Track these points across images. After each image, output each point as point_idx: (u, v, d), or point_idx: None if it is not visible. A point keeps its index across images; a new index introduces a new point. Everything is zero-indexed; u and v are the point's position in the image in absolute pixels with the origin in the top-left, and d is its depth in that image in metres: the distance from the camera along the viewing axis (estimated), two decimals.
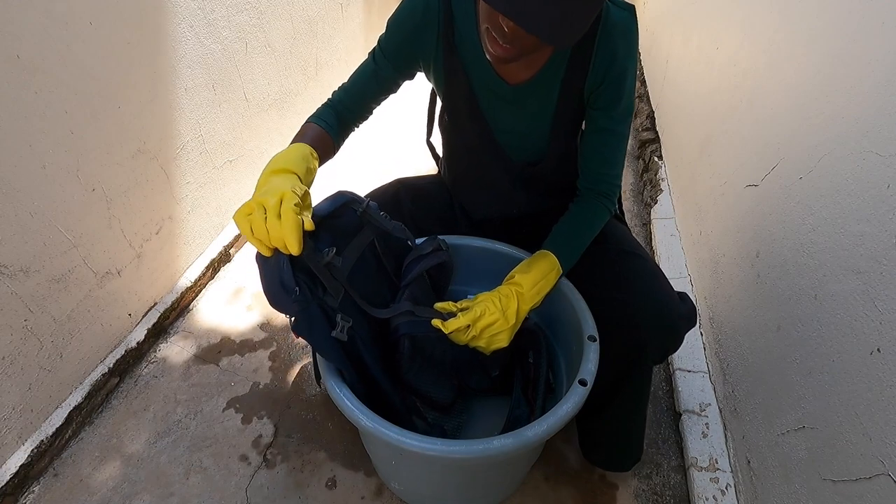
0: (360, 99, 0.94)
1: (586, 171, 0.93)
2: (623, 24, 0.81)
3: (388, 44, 0.89)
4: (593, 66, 0.82)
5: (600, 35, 0.80)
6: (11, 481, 1.04)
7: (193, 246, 1.54)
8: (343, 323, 0.78)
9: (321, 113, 0.93)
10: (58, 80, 1.02)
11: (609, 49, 0.81)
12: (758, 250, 1.07)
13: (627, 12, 0.81)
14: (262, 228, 0.67)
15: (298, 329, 0.77)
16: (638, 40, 0.84)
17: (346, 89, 0.95)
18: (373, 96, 0.95)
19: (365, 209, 0.86)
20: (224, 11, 1.49)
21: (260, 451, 1.16)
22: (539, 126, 0.91)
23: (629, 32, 0.82)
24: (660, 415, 1.23)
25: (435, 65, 0.89)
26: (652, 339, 0.90)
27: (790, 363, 0.89)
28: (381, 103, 0.97)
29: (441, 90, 0.94)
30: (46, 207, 1.05)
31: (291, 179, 0.72)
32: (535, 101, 0.88)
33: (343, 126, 0.95)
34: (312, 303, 0.75)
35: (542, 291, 0.87)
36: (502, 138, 0.94)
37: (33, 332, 1.07)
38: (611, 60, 0.81)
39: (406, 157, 2.21)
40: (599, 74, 0.83)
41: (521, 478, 1.08)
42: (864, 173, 0.76)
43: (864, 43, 0.83)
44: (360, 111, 0.96)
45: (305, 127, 0.91)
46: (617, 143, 0.90)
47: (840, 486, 0.73)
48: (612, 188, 0.94)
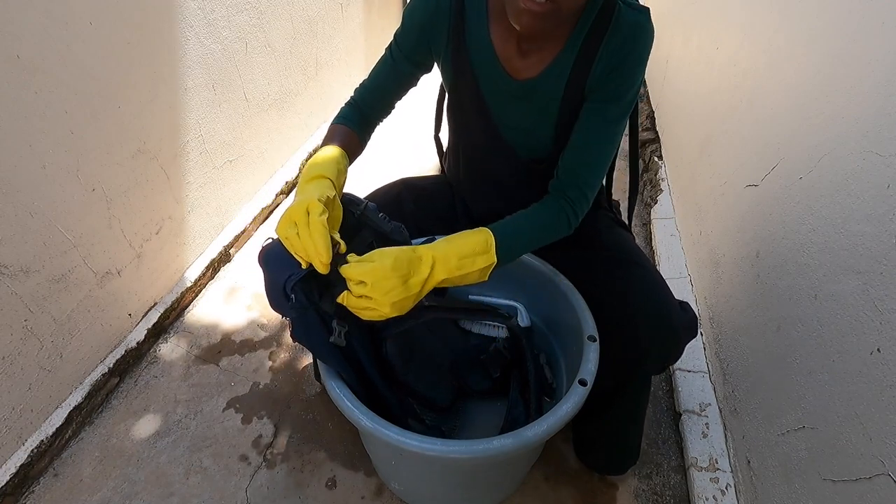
0: (382, 96, 0.95)
1: (562, 168, 0.86)
2: (635, 26, 0.78)
3: (404, 38, 0.89)
4: (598, 63, 0.80)
5: (609, 34, 0.78)
6: (11, 481, 1.04)
7: (193, 246, 1.54)
8: (339, 328, 0.78)
9: (345, 113, 0.94)
10: (58, 80, 1.02)
11: (617, 48, 0.79)
12: (758, 250, 1.07)
13: (642, 15, 0.79)
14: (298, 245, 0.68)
15: (296, 334, 0.78)
16: (650, 44, 0.80)
17: (367, 87, 0.95)
18: (394, 92, 0.95)
19: (363, 211, 0.86)
20: (224, 11, 1.49)
21: (260, 451, 1.16)
22: (544, 123, 0.90)
23: (641, 34, 0.79)
24: (660, 415, 1.23)
25: (444, 58, 0.89)
26: (652, 349, 0.90)
27: (790, 363, 0.89)
28: (402, 98, 0.97)
29: (449, 84, 0.94)
30: (46, 207, 1.05)
31: (322, 185, 0.74)
32: (541, 98, 0.86)
33: (367, 124, 0.96)
34: (310, 309, 0.76)
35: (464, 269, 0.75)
36: (508, 134, 0.93)
37: (33, 332, 1.07)
38: (617, 60, 0.79)
39: (409, 154, 2.21)
40: (604, 71, 0.81)
41: (521, 478, 1.08)
42: (864, 173, 0.76)
43: (864, 43, 0.83)
44: (383, 107, 0.96)
45: (332, 129, 0.92)
46: (603, 144, 0.84)
47: (840, 486, 0.73)
48: (581, 196, 0.84)
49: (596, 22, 0.79)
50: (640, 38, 0.79)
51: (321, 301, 0.76)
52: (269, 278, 0.79)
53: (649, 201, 1.91)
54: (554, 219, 0.85)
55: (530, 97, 0.87)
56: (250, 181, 1.78)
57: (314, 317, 0.77)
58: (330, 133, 0.91)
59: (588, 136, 0.84)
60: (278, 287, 0.75)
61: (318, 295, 0.76)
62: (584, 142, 0.84)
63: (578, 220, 0.86)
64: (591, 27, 0.79)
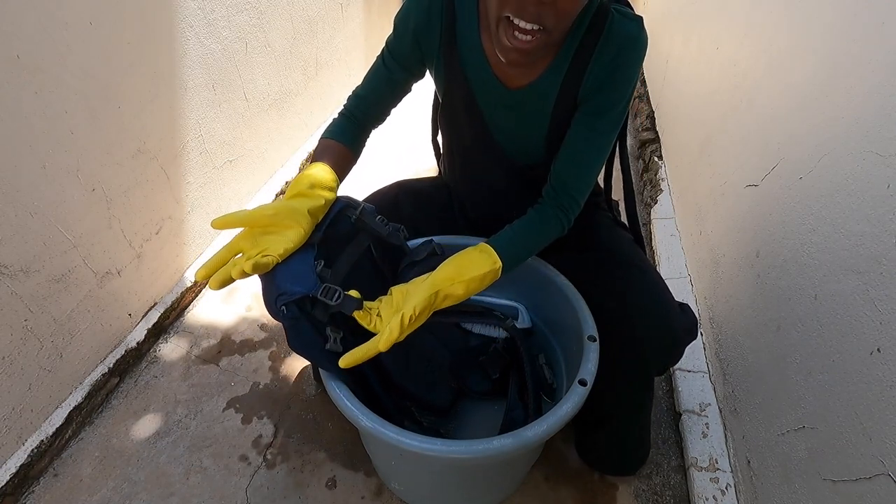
0: (376, 104, 0.93)
1: (554, 175, 0.87)
2: (627, 35, 0.78)
3: (396, 45, 0.89)
4: (589, 72, 0.80)
5: (601, 43, 0.78)
6: (11, 481, 1.04)
7: (193, 246, 1.54)
8: (334, 335, 0.77)
9: (337, 126, 0.93)
10: (58, 80, 1.02)
11: (609, 58, 0.78)
12: (758, 250, 1.07)
13: (635, 23, 0.78)
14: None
15: (292, 342, 0.77)
16: (643, 55, 0.80)
17: (360, 96, 0.93)
18: (388, 100, 0.94)
19: (359, 215, 0.85)
20: (224, 11, 1.49)
21: (260, 451, 1.16)
22: (536, 131, 0.90)
23: (634, 44, 0.79)
24: (660, 415, 1.23)
25: (437, 63, 0.89)
26: (653, 353, 0.90)
27: (790, 363, 0.89)
28: (397, 105, 0.96)
29: (441, 89, 0.94)
30: (46, 207, 1.05)
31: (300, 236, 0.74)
32: (532, 106, 0.86)
33: (361, 134, 0.94)
34: (302, 318, 0.75)
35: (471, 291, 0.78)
36: (501, 140, 0.94)
37: (33, 332, 1.07)
38: (610, 69, 0.79)
39: (407, 156, 2.21)
40: (596, 81, 0.80)
41: (521, 478, 1.08)
42: (864, 173, 0.76)
43: (865, 43, 0.83)
44: (377, 115, 0.95)
45: (323, 144, 0.90)
46: (593, 154, 0.85)
47: (840, 486, 0.73)
48: (573, 204, 0.87)
49: (588, 31, 0.79)
50: (633, 51, 0.79)
51: (314, 310, 0.75)
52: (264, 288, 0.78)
53: (649, 201, 1.91)
54: (548, 224, 0.87)
55: (522, 106, 0.87)
56: (250, 181, 1.78)
57: (307, 326, 0.76)
58: (321, 147, 0.90)
59: (578, 146, 0.85)
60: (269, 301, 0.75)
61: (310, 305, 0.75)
62: (574, 152, 0.85)
63: (571, 223, 0.89)
64: (584, 36, 0.79)
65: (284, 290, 0.72)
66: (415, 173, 2.04)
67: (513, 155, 0.95)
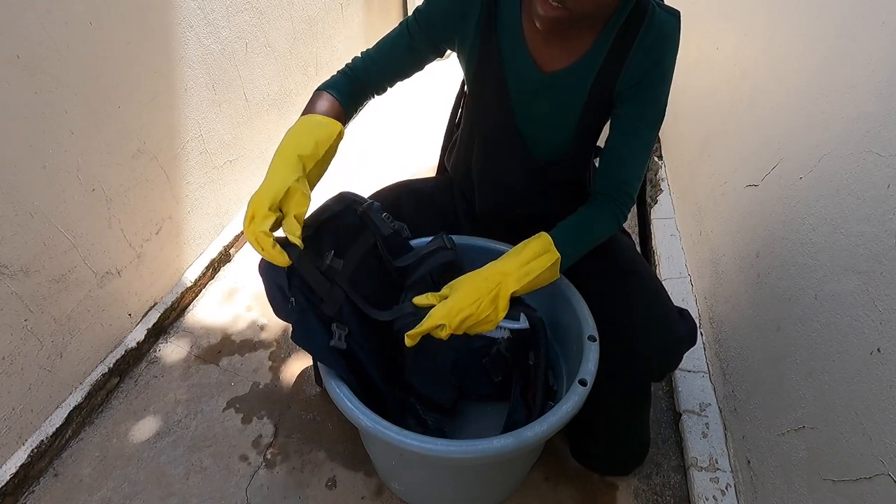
0: (387, 71, 0.89)
1: (603, 173, 0.88)
2: (668, 28, 0.78)
3: (430, 14, 0.84)
4: (629, 64, 0.79)
5: (642, 34, 0.78)
6: (11, 481, 1.04)
7: (193, 246, 1.54)
8: (339, 331, 0.77)
9: (336, 83, 0.87)
10: (58, 80, 1.02)
11: (648, 50, 0.78)
12: (758, 250, 1.07)
13: (673, 17, 0.79)
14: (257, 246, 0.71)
15: (297, 338, 0.77)
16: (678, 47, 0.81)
17: (371, 58, 0.88)
18: (401, 70, 0.90)
19: (364, 209, 0.86)
20: (224, 11, 1.49)
21: (260, 451, 1.16)
22: (565, 120, 0.88)
23: (672, 36, 0.79)
24: (660, 415, 1.23)
25: (472, 44, 0.86)
26: (652, 360, 0.90)
27: (790, 363, 0.89)
28: (405, 79, 0.92)
29: (471, 71, 0.90)
30: (46, 207, 1.05)
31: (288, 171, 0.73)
32: (566, 93, 0.85)
33: (359, 96, 0.90)
34: (309, 312, 0.75)
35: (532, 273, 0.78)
36: (525, 130, 0.92)
37: (33, 332, 1.07)
38: (650, 62, 0.79)
39: (407, 156, 2.21)
40: (636, 74, 0.80)
41: (521, 478, 1.08)
42: (864, 173, 0.76)
43: (865, 43, 0.83)
44: (382, 84, 0.91)
45: (318, 95, 0.85)
46: (639, 148, 0.85)
47: (840, 486, 0.73)
48: (625, 197, 0.87)
49: (628, 22, 0.78)
50: (673, 40, 0.80)
51: (322, 304, 0.76)
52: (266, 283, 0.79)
53: (649, 201, 1.91)
54: (602, 219, 0.87)
55: (554, 92, 0.85)
56: (250, 181, 1.78)
57: (314, 320, 0.76)
58: (313, 100, 0.85)
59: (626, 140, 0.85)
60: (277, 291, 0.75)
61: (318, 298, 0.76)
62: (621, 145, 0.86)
63: (626, 217, 0.89)
64: (623, 27, 0.79)
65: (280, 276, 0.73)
66: (415, 173, 2.04)
67: (532, 149, 0.94)
